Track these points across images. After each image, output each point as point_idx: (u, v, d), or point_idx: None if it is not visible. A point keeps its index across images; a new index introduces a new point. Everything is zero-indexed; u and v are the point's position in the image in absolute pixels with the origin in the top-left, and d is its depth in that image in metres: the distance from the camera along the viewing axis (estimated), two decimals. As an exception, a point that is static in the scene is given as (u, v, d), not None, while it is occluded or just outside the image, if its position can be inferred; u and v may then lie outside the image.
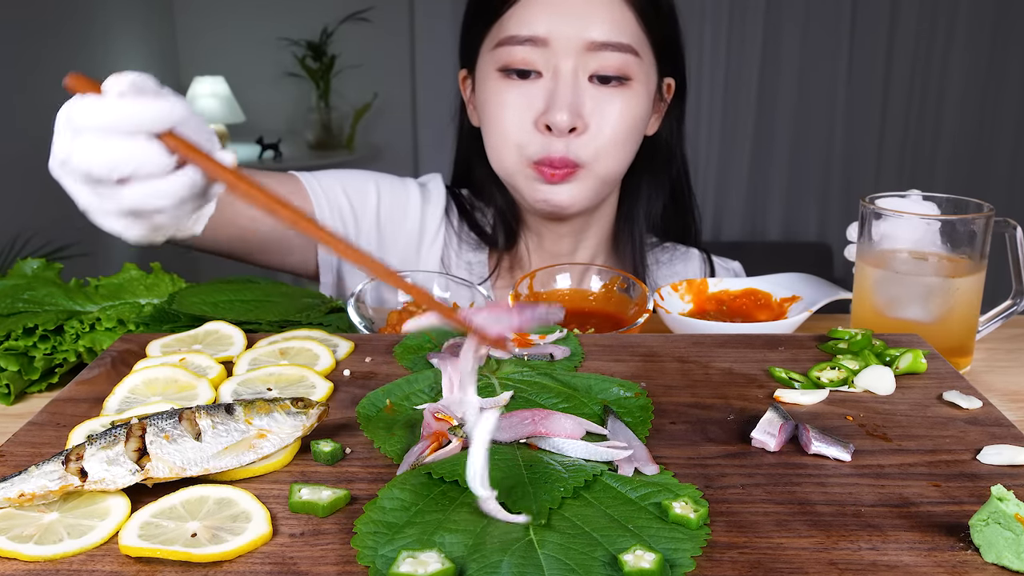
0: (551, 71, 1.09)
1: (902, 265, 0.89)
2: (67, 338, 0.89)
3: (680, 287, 1.06)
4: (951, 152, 4.25)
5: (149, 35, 4.18)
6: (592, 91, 1.10)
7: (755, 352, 0.80)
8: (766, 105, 4.22)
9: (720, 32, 4.10)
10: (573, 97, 1.08)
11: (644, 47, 1.12)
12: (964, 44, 4.11)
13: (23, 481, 0.54)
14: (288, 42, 4.27)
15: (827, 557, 0.50)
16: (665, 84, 1.21)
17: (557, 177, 1.11)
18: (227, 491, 0.55)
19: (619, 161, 1.15)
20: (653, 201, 1.26)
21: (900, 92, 4.21)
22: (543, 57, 1.09)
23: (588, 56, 1.08)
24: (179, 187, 0.60)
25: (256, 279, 1.03)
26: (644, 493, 0.54)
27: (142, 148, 0.58)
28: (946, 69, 4.16)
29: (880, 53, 4.15)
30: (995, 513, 0.50)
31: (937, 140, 4.26)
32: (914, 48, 4.13)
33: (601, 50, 1.08)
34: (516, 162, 1.14)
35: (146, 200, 0.60)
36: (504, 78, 1.12)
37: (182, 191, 0.60)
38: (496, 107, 1.13)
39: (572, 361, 0.77)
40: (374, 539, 0.50)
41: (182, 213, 0.63)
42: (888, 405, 0.70)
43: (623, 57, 1.09)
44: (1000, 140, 4.22)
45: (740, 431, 0.65)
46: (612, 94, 1.10)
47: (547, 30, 1.08)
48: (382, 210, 1.25)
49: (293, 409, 0.61)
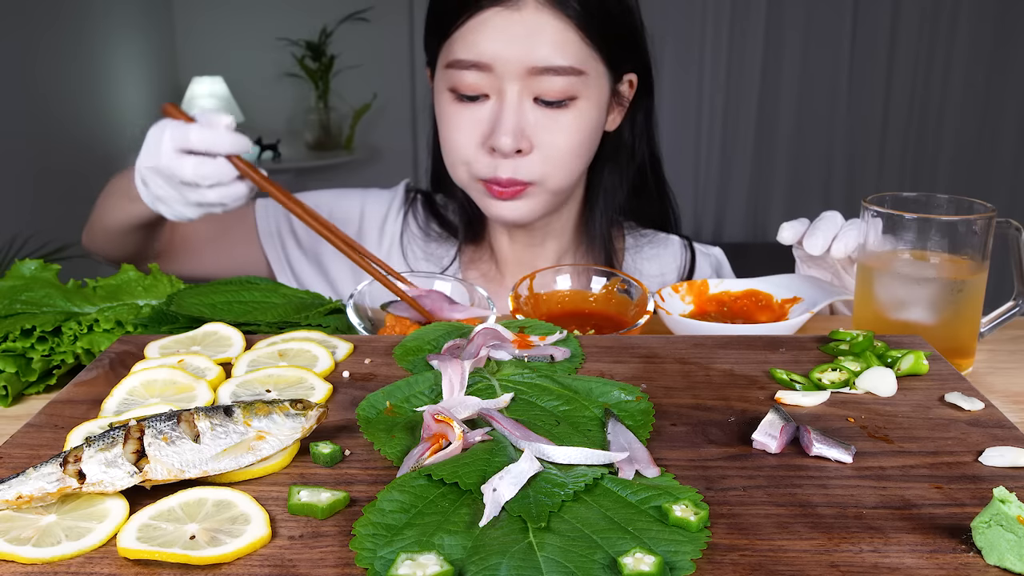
0: (496, 94, 1.10)
1: (904, 266, 0.89)
2: (65, 339, 0.88)
3: (681, 288, 1.06)
4: (953, 153, 4.25)
5: (148, 35, 4.18)
6: (538, 113, 1.10)
7: (756, 353, 0.80)
8: (768, 106, 4.22)
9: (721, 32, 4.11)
10: (517, 120, 1.09)
11: (591, 62, 1.11)
12: (966, 44, 4.12)
13: (21, 483, 0.54)
14: (287, 42, 4.27)
15: (828, 559, 0.50)
16: (626, 81, 1.19)
17: (506, 195, 1.13)
18: (226, 493, 0.55)
19: (570, 173, 1.15)
20: (616, 191, 1.26)
21: (902, 92, 4.21)
22: (488, 81, 1.09)
23: (531, 80, 1.08)
24: (240, 192, 1.00)
25: (255, 280, 1.02)
26: (644, 496, 0.54)
27: (224, 165, 0.97)
28: (949, 69, 4.16)
29: (882, 54, 4.15)
30: (997, 515, 0.50)
31: (940, 140, 4.26)
32: (916, 48, 4.14)
33: (543, 74, 1.08)
34: (467, 177, 1.16)
35: (220, 199, 0.99)
36: (454, 100, 1.13)
37: (241, 194, 1.00)
38: (446, 127, 1.15)
39: (572, 363, 0.76)
40: (373, 541, 0.50)
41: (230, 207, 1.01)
42: (890, 407, 0.69)
43: (566, 80, 1.08)
44: (1003, 141, 4.22)
45: (741, 433, 0.65)
46: (558, 115, 1.10)
47: (491, 56, 1.08)
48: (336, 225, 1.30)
49: (292, 411, 0.61)
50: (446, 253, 1.31)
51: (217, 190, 0.98)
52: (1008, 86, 4.14)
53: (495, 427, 0.61)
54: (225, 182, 0.98)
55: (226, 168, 0.97)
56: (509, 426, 0.61)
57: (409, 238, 1.32)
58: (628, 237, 1.33)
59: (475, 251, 1.32)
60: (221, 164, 0.97)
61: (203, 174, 0.96)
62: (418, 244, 1.32)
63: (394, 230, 1.32)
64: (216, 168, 0.96)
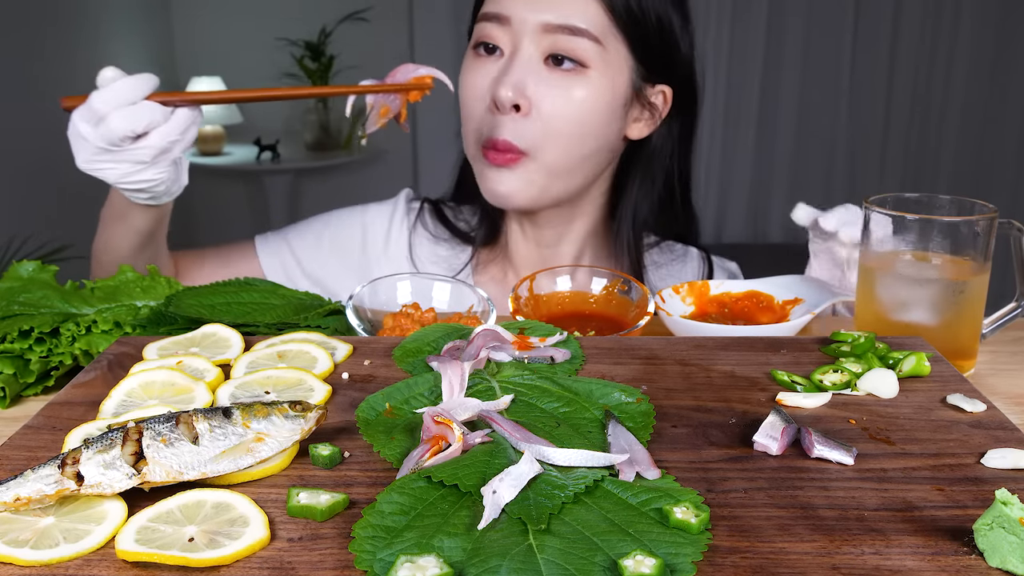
0: (512, 49, 1.12)
1: (905, 267, 0.89)
2: (63, 341, 0.88)
3: (681, 289, 1.06)
4: (955, 153, 4.25)
5: (146, 35, 4.17)
6: (545, 73, 1.11)
7: (757, 355, 0.79)
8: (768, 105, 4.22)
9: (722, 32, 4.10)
10: (521, 75, 1.10)
11: (611, 38, 1.11)
12: (969, 44, 4.11)
13: (19, 485, 0.54)
14: (286, 42, 4.27)
15: (830, 562, 0.49)
16: (657, 91, 1.19)
17: (499, 160, 1.13)
18: (225, 495, 0.55)
19: (566, 152, 1.14)
20: (640, 203, 1.25)
21: (904, 92, 4.21)
22: (507, 36, 1.12)
23: (545, 37, 1.10)
24: (181, 121, 0.97)
25: (253, 282, 1.02)
26: (645, 498, 0.54)
27: (147, 107, 0.95)
28: (951, 69, 4.16)
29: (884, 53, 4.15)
30: (999, 517, 0.50)
31: (941, 141, 4.26)
32: (918, 48, 4.13)
33: (557, 32, 1.09)
34: (473, 145, 1.17)
35: (164, 139, 0.96)
36: (475, 55, 1.15)
37: (184, 123, 0.97)
38: (463, 82, 1.17)
39: (573, 364, 0.76)
40: (372, 543, 0.50)
41: (187, 142, 0.99)
42: (891, 408, 0.69)
43: (579, 41, 1.09)
44: (1005, 141, 4.22)
45: (742, 434, 0.64)
46: (564, 78, 1.11)
47: (511, 9, 1.10)
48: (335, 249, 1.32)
49: (291, 412, 0.61)
50: (457, 257, 1.30)
51: (159, 130, 0.97)
52: (1010, 86, 4.14)
53: (495, 429, 0.61)
54: (160, 120, 0.96)
55: (152, 106, 0.96)
56: (509, 428, 0.61)
57: (419, 244, 1.32)
58: (648, 252, 1.31)
59: (490, 253, 1.31)
60: (144, 106, 0.96)
61: (134, 118, 0.95)
62: (428, 250, 1.31)
63: (400, 239, 1.32)
64: (141, 110, 0.95)
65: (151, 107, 0.96)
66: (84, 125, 0.96)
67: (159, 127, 0.97)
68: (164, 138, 0.97)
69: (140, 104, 0.95)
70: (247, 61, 4.34)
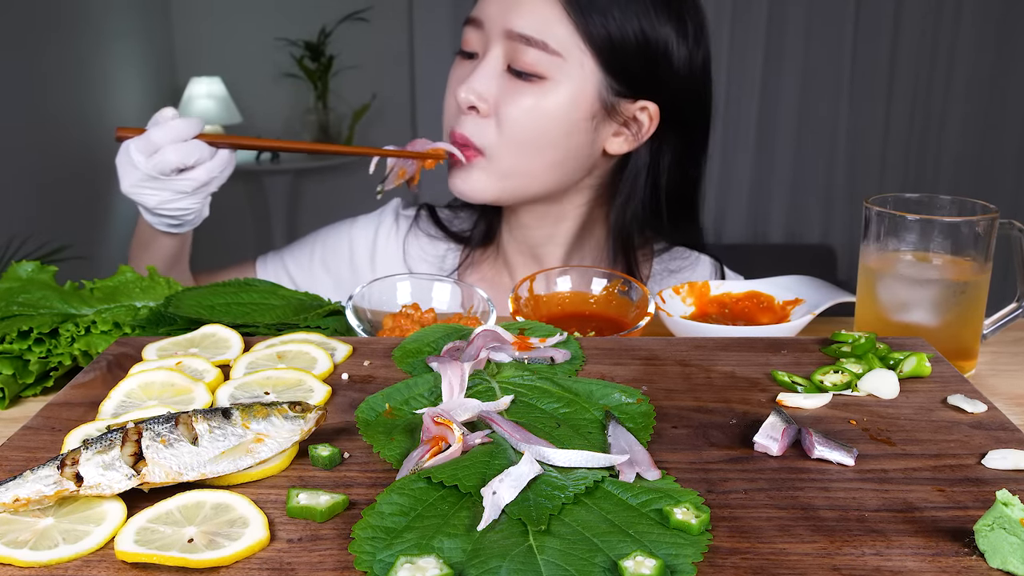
0: (482, 53, 1.15)
1: (906, 268, 0.89)
2: (62, 341, 0.88)
3: (682, 290, 1.06)
4: (956, 153, 4.24)
5: (146, 36, 4.17)
6: (507, 81, 1.12)
7: (757, 355, 0.79)
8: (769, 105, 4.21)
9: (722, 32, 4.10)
10: (481, 79, 1.12)
11: (576, 51, 1.09)
12: (970, 44, 4.11)
13: (18, 486, 0.54)
14: (286, 42, 4.27)
15: (830, 563, 0.49)
16: (640, 107, 1.15)
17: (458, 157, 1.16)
18: (224, 496, 0.55)
19: (524, 160, 1.14)
20: (625, 217, 1.23)
21: (904, 93, 4.20)
22: (481, 39, 1.15)
23: (510, 45, 1.11)
24: (222, 160, 1.10)
25: (253, 282, 1.02)
26: (645, 499, 0.54)
27: (197, 144, 1.07)
28: (951, 70, 4.15)
29: (884, 53, 4.15)
30: (1000, 518, 0.49)
31: (942, 141, 4.25)
32: (919, 48, 4.13)
33: (517, 40, 1.10)
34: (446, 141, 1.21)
35: (208, 174, 1.08)
36: (458, 58, 1.20)
37: (224, 162, 1.10)
38: (448, 86, 1.21)
39: (573, 365, 0.76)
40: (372, 544, 0.49)
41: (223, 178, 1.12)
42: (892, 409, 0.69)
43: (538, 55, 1.10)
44: (1006, 141, 4.21)
45: (742, 435, 0.64)
46: (522, 87, 1.11)
47: (484, 14, 1.14)
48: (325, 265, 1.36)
49: (291, 413, 0.60)
50: (449, 256, 1.32)
51: (205, 166, 1.08)
52: (1011, 86, 4.14)
53: (495, 429, 0.61)
54: (207, 157, 1.08)
55: (201, 145, 1.07)
56: (509, 428, 0.61)
57: (412, 247, 1.34)
58: (659, 257, 1.30)
59: (483, 253, 1.33)
60: (195, 143, 1.07)
61: (186, 152, 1.05)
62: (420, 250, 1.34)
63: (386, 250, 1.35)
64: (193, 146, 1.06)
65: (200, 145, 1.07)
66: (139, 155, 1.06)
67: (205, 163, 1.08)
68: (208, 173, 1.08)
69: (192, 141, 1.06)
70: (247, 61, 4.34)
